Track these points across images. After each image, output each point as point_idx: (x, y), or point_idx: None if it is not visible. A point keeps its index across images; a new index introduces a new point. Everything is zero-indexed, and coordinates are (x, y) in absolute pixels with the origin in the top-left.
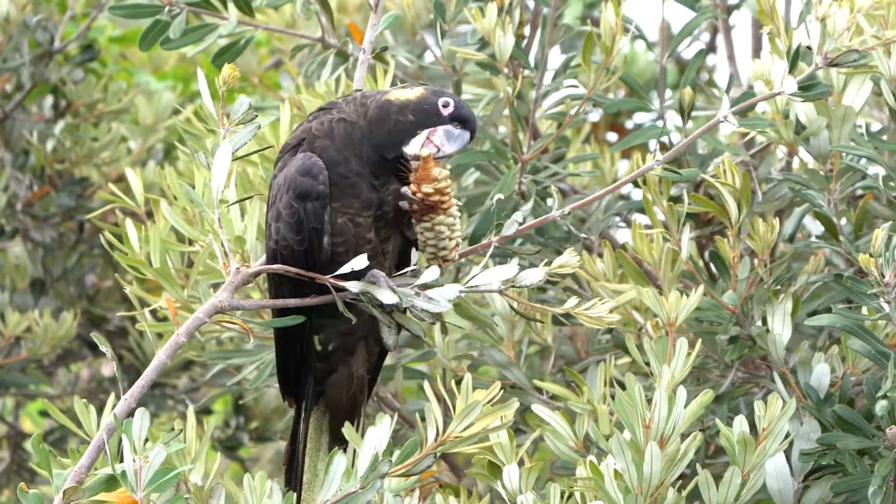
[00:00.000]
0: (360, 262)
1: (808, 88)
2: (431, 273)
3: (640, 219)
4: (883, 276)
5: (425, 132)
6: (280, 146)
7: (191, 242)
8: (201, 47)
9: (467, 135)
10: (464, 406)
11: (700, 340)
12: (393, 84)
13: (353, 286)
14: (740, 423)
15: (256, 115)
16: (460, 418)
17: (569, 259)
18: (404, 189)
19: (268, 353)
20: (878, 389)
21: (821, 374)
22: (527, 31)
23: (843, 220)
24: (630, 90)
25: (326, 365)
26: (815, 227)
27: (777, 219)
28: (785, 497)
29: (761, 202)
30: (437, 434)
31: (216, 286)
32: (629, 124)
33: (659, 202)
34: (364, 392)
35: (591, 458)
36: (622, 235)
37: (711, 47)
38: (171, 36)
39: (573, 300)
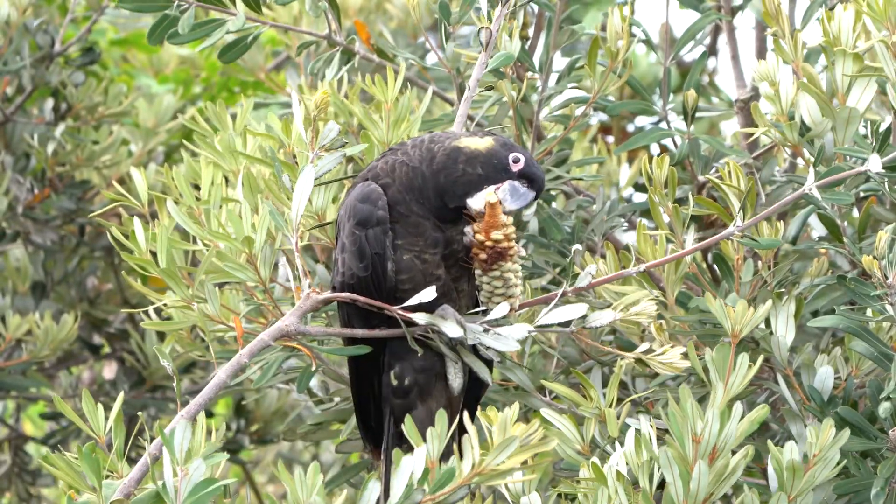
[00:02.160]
0: (428, 294)
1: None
2: (501, 309)
3: (643, 220)
4: (886, 278)
5: (491, 187)
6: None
7: (195, 241)
8: (209, 42)
9: (532, 194)
10: (502, 440)
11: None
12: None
13: (420, 318)
14: (791, 449)
15: (346, 143)
16: (497, 452)
17: (645, 307)
18: (468, 237)
19: (271, 354)
20: (881, 391)
21: (824, 376)
22: (530, 32)
23: (846, 223)
24: (633, 92)
25: (404, 402)
26: (819, 229)
27: (781, 221)
28: None
29: (765, 204)
30: (473, 465)
31: (221, 286)
32: (630, 127)
33: (664, 204)
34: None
35: (595, 459)
36: (626, 237)
37: (713, 49)
38: (180, 31)
39: (644, 345)
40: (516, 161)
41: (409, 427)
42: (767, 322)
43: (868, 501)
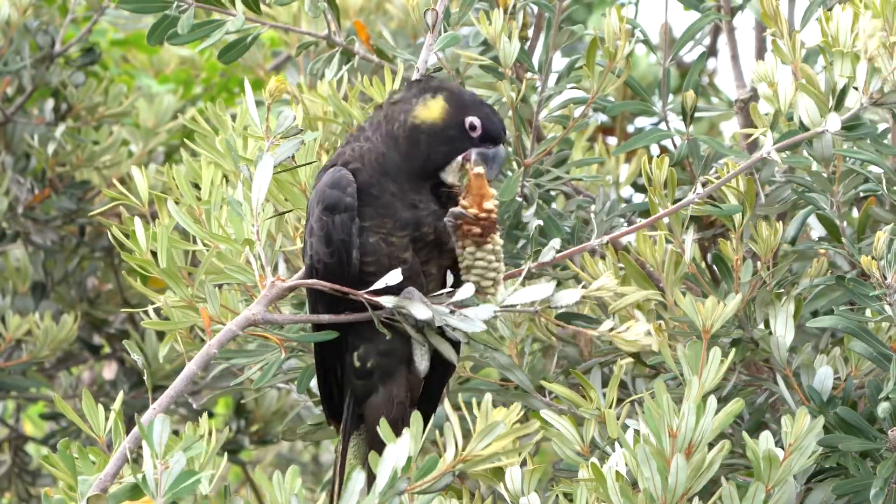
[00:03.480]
0: (393, 277)
1: (853, 128)
2: (466, 291)
3: (643, 221)
4: (885, 279)
5: (459, 157)
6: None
7: (195, 240)
8: (208, 43)
9: (501, 150)
10: (484, 426)
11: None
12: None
13: (387, 301)
14: (766, 439)
15: (301, 130)
16: (480, 438)
17: (605, 282)
18: (459, 210)
19: (271, 354)
20: (880, 392)
21: (824, 376)
22: (530, 32)
23: (845, 223)
24: (632, 93)
25: (365, 385)
26: (818, 229)
27: (780, 222)
28: (788, 499)
29: (764, 205)
30: (456, 452)
31: (220, 287)
32: (630, 128)
33: (664, 204)
34: (406, 421)
35: (594, 460)
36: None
37: (713, 50)
38: (180, 32)
39: (608, 323)
40: (473, 128)
41: (383, 429)
42: (767, 322)
43: (867, 502)
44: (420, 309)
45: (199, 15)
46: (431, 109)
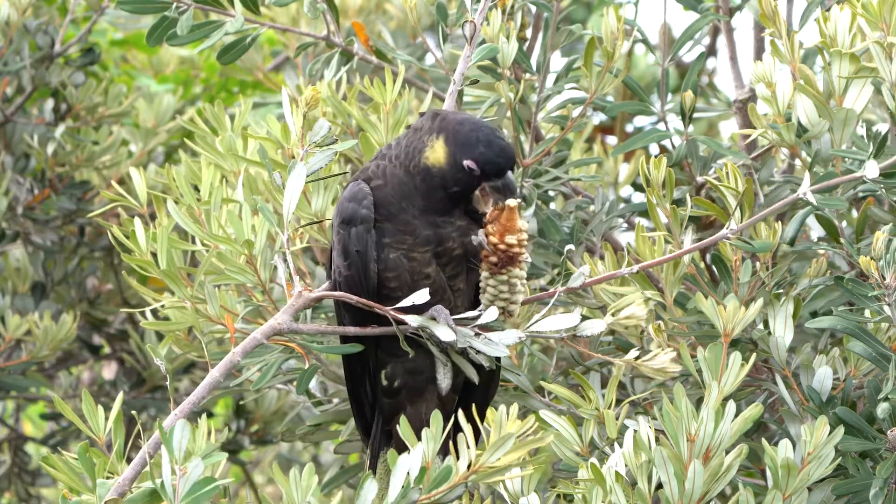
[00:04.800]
0: (421, 296)
1: (892, 175)
2: (490, 314)
3: (642, 221)
4: (884, 279)
5: (477, 192)
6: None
7: (194, 241)
8: (207, 44)
9: (509, 180)
10: (497, 438)
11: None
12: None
13: (412, 320)
14: (785, 446)
15: (336, 140)
16: (493, 450)
17: (635, 311)
18: (480, 238)
19: (271, 355)
20: (879, 392)
21: (823, 376)
22: (528, 33)
23: (844, 223)
24: (631, 93)
25: (393, 403)
26: (817, 230)
27: (779, 222)
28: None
29: (763, 205)
30: (469, 463)
31: (220, 286)
32: (629, 128)
33: (662, 205)
34: None
35: (593, 460)
36: (624, 238)
37: (712, 50)
38: (179, 33)
39: (634, 351)
40: (472, 169)
41: (403, 428)
42: (766, 323)
43: (867, 502)
44: (444, 331)
45: (197, 16)
46: (437, 152)
